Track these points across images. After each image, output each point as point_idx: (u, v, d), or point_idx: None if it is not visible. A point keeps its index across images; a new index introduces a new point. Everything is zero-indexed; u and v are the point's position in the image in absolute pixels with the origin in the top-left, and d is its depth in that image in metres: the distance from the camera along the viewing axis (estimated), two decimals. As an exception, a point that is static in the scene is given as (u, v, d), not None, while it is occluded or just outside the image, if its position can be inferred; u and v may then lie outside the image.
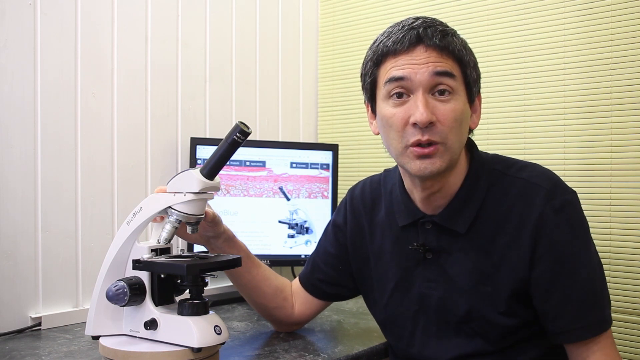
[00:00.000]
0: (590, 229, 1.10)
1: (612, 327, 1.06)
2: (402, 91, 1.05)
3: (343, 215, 1.32)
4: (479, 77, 1.12)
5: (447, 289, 1.13)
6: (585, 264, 1.05)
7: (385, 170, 1.30)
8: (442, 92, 1.04)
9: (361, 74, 1.15)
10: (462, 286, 1.11)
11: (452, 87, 1.04)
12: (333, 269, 1.32)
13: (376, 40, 1.11)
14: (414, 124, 1.03)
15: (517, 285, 1.07)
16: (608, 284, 1.10)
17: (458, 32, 1.10)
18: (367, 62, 1.12)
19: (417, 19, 1.08)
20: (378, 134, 1.14)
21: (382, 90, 1.08)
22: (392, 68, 1.05)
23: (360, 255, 1.28)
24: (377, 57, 1.08)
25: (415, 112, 1.03)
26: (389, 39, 1.07)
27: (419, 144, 1.03)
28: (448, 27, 1.08)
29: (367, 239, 1.26)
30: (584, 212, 1.10)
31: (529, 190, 1.08)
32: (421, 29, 1.04)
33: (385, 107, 1.08)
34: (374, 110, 1.14)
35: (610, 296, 1.10)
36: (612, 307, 1.09)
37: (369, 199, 1.28)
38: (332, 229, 1.34)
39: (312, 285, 1.35)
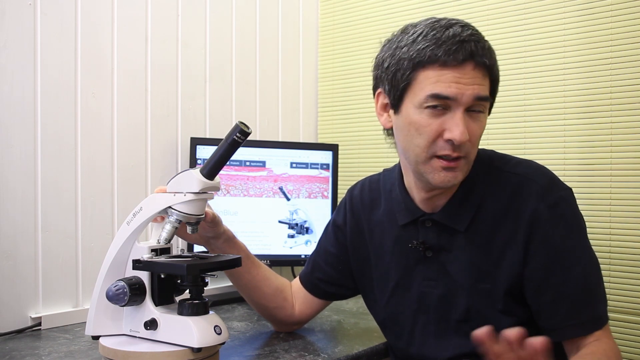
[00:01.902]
0: (590, 229, 1.10)
1: (612, 328, 1.06)
2: (442, 105, 1.03)
3: (343, 215, 1.32)
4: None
5: (447, 287, 1.13)
6: (579, 260, 1.05)
7: (384, 170, 1.30)
8: (476, 111, 1.05)
9: (387, 66, 1.07)
10: (461, 284, 1.12)
11: (485, 107, 1.06)
12: (333, 268, 1.32)
13: (414, 38, 1.03)
14: (448, 140, 1.03)
15: (513, 282, 1.07)
16: (608, 284, 1.10)
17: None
18: (402, 60, 1.04)
19: (462, 27, 1.03)
20: (390, 127, 1.13)
21: (418, 96, 1.03)
22: (438, 82, 1.01)
23: (360, 255, 1.28)
24: (420, 61, 1.02)
25: (454, 130, 1.02)
26: (439, 46, 1.01)
27: (446, 157, 1.04)
28: (485, 39, 1.07)
29: (366, 239, 1.26)
30: (584, 212, 1.10)
31: (524, 186, 1.08)
32: (472, 44, 1.02)
33: (417, 113, 1.04)
34: (394, 107, 1.09)
35: (610, 296, 1.10)
36: (612, 307, 1.09)
37: (367, 198, 1.29)
38: (332, 229, 1.34)
39: (313, 284, 1.35)
